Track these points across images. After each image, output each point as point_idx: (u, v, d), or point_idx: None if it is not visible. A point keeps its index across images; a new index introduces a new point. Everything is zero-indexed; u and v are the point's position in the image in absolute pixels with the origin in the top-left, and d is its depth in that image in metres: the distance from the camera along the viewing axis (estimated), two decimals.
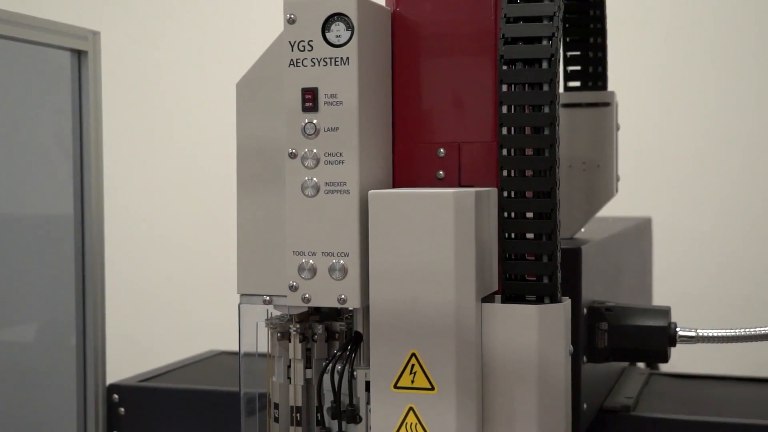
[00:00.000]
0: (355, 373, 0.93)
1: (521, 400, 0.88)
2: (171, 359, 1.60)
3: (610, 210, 1.33)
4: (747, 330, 1.10)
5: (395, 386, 0.89)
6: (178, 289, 2.41)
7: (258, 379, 1.04)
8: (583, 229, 1.27)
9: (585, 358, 1.11)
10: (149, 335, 2.39)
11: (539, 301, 0.89)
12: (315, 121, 0.91)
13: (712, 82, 2.09)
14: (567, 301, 0.92)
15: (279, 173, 0.94)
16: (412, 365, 0.88)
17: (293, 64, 0.92)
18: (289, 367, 1.00)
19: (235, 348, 1.04)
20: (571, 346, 0.92)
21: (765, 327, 1.11)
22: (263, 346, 1.02)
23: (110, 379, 1.41)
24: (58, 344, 1.40)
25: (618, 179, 1.26)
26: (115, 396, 1.39)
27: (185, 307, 2.39)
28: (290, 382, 1.00)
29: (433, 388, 0.88)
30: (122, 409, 1.38)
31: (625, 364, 1.46)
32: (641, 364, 1.58)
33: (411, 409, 0.89)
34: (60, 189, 1.39)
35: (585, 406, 1.11)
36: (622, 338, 1.12)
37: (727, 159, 2.08)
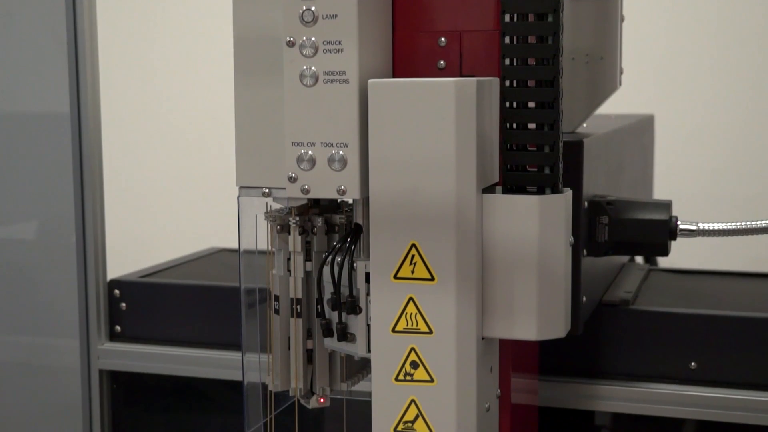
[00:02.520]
0: (354, 264, 0.93)
1: (521, 291, 0.88)
2: (171, 257, 1.60)
3: (612, 105, 1.32)
4: (747, 223, 1.10)
5: (395, 277, 0.89)
6: (177, 187, 2.40)
7: (258, 275, 1.04)
8: (584, 125, 1.26)
9: (585, 252, 1.11)
10: (150, 234, 2.39)
11: (540, 191, 0.89)
12: (313, 8, 0.89)
13: None
14: (568, 192, 0.91)
15: (277, 63, 0.92)
16: (412, 256, 0.88)
17: None
18: (288, 259, 1.00)
19: (236, 245, 1.03)
20: (572, 237, 0.92)
21: (765, 220, 1.11)
22: (263, 240, 1.02)
23: (111, 277, 1.41)
24: (59, 241, 1.40)
25: (621, 72, 1.24)
26: (117, 291, 1.39)
27: (185, 206, 2.39)
28: (290, 275, 1.00)
29: (433, 279, 0.88)
30: (123, 304, 1.39)
31: (625, 259, 1.47)
32: (640, 260, 1.59)
33: (411, 299, 0.89)
34: (56, 87, 1.38)
35: (584, 298, 1.11)
36: (622, 232, 1.12)
37: (732, 56, 2.05)
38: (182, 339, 1.38)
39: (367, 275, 0.92)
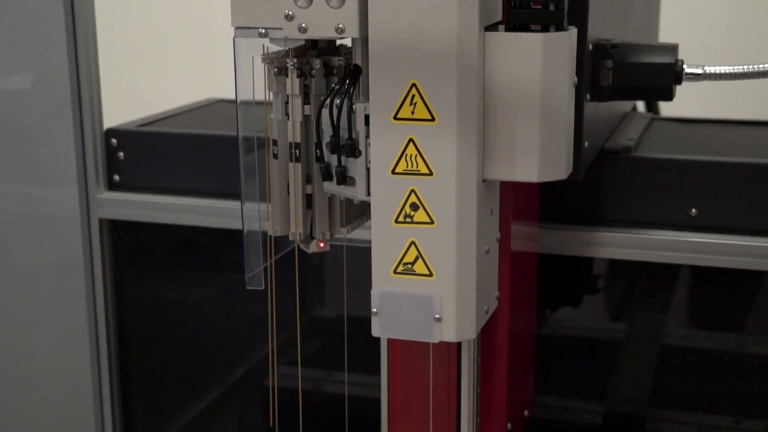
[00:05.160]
0: (354, 106, 0.91)
1: (523, 131, 0.87)
2: (168, 108, 1.58)
3: None
4: (754, 66, 1.07)
5: (395, 118, 0.87)
6: (173, 38, 2.36)
7: (256, 125, 1.02)
8: None
9: (588, 97, 1.09)
10: (146, 86, 2.36)
11: (544, 29, 0.86)
12: None
13: None
14: (573, 30, 0.88)
15: None
16: (413, 96, 0.86)
17: None
18: (286, 103, 0.98)
19: (233, 96, 1.01)
20: (575, 78, 0.90)
21: None
22: (260, 85, 1.00)
23: (108, 126, 1.40)
24: (54, 91, 1.38)
25: None
26: (114, 140, 1.38)
27: (181, 57, 2.36)
28: (288, 119, 0.98)
29: (433, 119, 0.86)
30: (121, 154, 1.38)
31: (628, 108, 1.45)
32: (643, 110, 1.57)
33: (411, 140, 0.87)
34: None
35: (586, 144, 1.10)
36: (627, 76, 1.09)
37: None
38: (181, 188, 1.37)
39: (367, 117, 0.90)
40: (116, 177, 1.39)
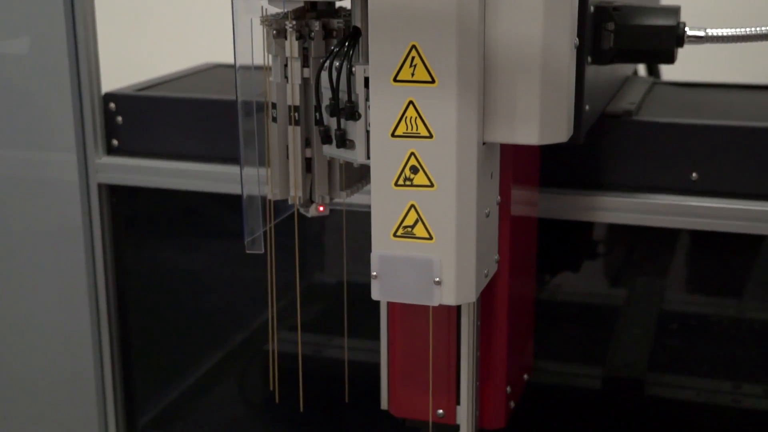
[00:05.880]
0: (353, 69, 0.91)
1: (524, 93, 0.86)
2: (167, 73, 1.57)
3: None
4: (756, 29, 1.07)
5: (395, 80, 0.87)
6: (171, 1, 2.35)
7: (255, 90, 1.01)
8: None
9: (589, 59, 1.08)
10: (144, 50, 2.35)
11: None
12: None
13: None
14: None
15: None
16: (412, 58, 0.85)
17: None
18: (285, 66, 0.98)
19: (232, 60, 1.00)
20: (577, 39, 0.89)
21: None
22: (259, 48, 0.99)
23: (106, 90, 1.39)
24: (52, 56, 1.37)
25: None
26: (112, 105, 1.37)
27: (179, 20, 2.34)
28: (287, 82, 0.97)
29: (433, 81, 0.85)
30: (120, 118, 1.37)
31: (629, 72, 1.44)
32: (644, 74, 1.56)
33: (411, 102, 0.87)
34: None
35: (587, 107, 1.09)
36: (628, 38, 1.08)
37: None
38: (180, 153, 1.37)
39: (366, 80, 0.90)
40: (115, 142, 1.38)
